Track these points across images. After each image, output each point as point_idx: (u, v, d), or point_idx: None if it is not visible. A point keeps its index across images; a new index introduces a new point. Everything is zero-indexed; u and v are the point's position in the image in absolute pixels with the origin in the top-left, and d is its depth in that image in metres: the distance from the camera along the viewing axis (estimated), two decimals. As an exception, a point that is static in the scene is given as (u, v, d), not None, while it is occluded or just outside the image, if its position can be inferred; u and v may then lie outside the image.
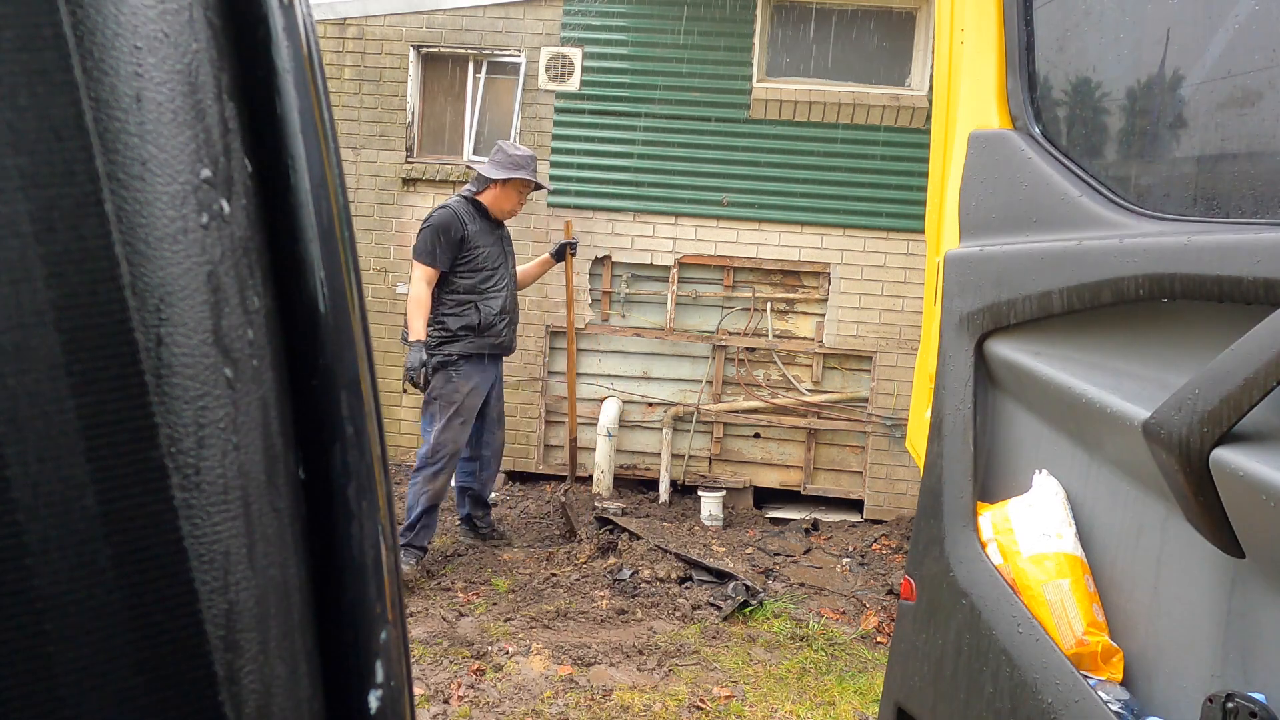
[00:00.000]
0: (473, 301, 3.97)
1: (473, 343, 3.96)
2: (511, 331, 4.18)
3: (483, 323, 3.98)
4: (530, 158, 4.07)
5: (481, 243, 3.98)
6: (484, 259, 3.99)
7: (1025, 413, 1.38)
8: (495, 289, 4.04)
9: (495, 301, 4.03)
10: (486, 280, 4.01)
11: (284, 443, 0.34)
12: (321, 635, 0.37)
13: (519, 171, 4.00)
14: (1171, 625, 1.11)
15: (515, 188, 4.05)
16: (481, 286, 3.99)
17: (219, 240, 0.31)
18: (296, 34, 0.36)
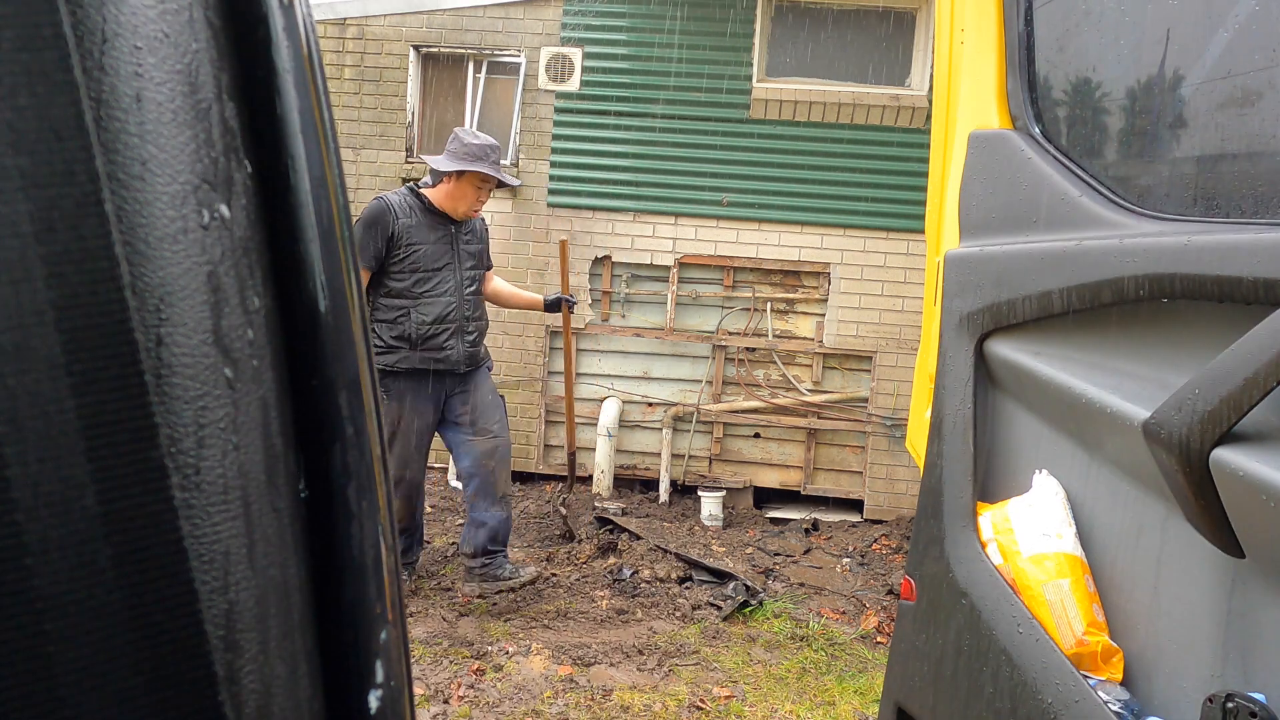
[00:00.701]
0: (405, 308, 3.44)
1: (408, 356, 3.44)
2: (463, 344, 3.55)
3: (415, 333, 3.44)
4: (490, 147, 3.47)
5: (418, 239, 3.44)
6: (420, 258, 3.44)
7: (1025, 413, 1.38)
8: (433, 294, 3.46)
9: (430, 308, 3.44)
10: (423, 283, 3.46)
11: (284, 443, 0.34)
12: (321, 635, 0.37)
13: (474, 164, 3.42)
14: (1171, 625, 1.11)
15: (471, 183, 3.49)
16: (416, 290, 3.44)
17: (219, 240, 0.31)
18: (296, 34, 0.36)
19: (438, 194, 3.50)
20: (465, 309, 3.54)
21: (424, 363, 3.44)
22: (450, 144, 3.49)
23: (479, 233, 3.69)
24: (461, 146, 3.44)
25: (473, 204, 3.51)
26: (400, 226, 3.42)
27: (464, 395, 3.62)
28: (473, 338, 3.58)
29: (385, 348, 3.41)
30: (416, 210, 3.47)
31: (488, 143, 3.47)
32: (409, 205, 3.47)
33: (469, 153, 3.44)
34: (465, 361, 3.54)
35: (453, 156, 3.45)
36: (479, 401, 3.68)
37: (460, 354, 3.53)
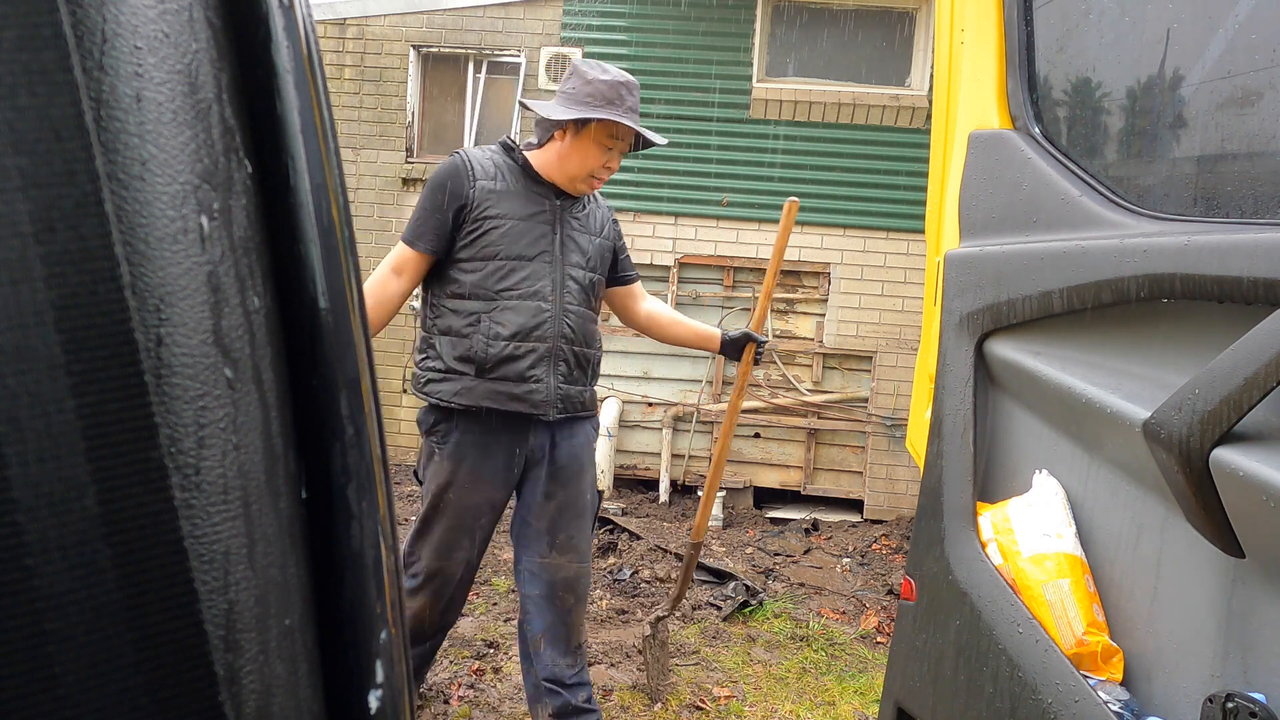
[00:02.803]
0: (476, 315, 2.26)
1: (470, 387, 2.24)
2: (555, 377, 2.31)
3: (483, 352, 2.24)
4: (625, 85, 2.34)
5: (503, 211, 2.28)
6: (501, 240, 2.27)
7: (1025, 413, 1.38)
8: (516, 293, 2.27)
9: (510, 315, 2.25)
10: (503, 277, 2.26)
11: (284, 443, 0.34)
12: (321, 635, 0.37)
13: (603, 109, 2.27)
14: (1171, 625, 1.11)
15: (597, 138, 2.32)
16: (493, 287, 2.26)
17: (219, 240, 0.31)
18: (296, 34, 0.36)
19: (545, 156, 2.37)
20: (564, 325, 2.32)
21: (493, 398, 2.26)
22: (566, 81, 2.35)
23: (601, 222, 2.50)
24: (584, 85, 2.30)
25: (595, 170, 2.35)
26: (479, 191, 2.28)
27: (551, 475, 2.40)
28: (571, 371, 2.35)
29: (442, 373, 2.27)
30: (506, 173, 2.34)
31: (621, 79, 2.34)
32: (498, 165, 2.35)
33: (596, 94, 2.29)
34: (556, 405, 2.32)
35: (570, 100, 2.31)
36: (571, 497, 2.44)
37: (550, 392, 2.30)
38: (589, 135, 2.31)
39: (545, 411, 2.31)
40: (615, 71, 2.33)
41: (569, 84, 2.32)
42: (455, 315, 2.27)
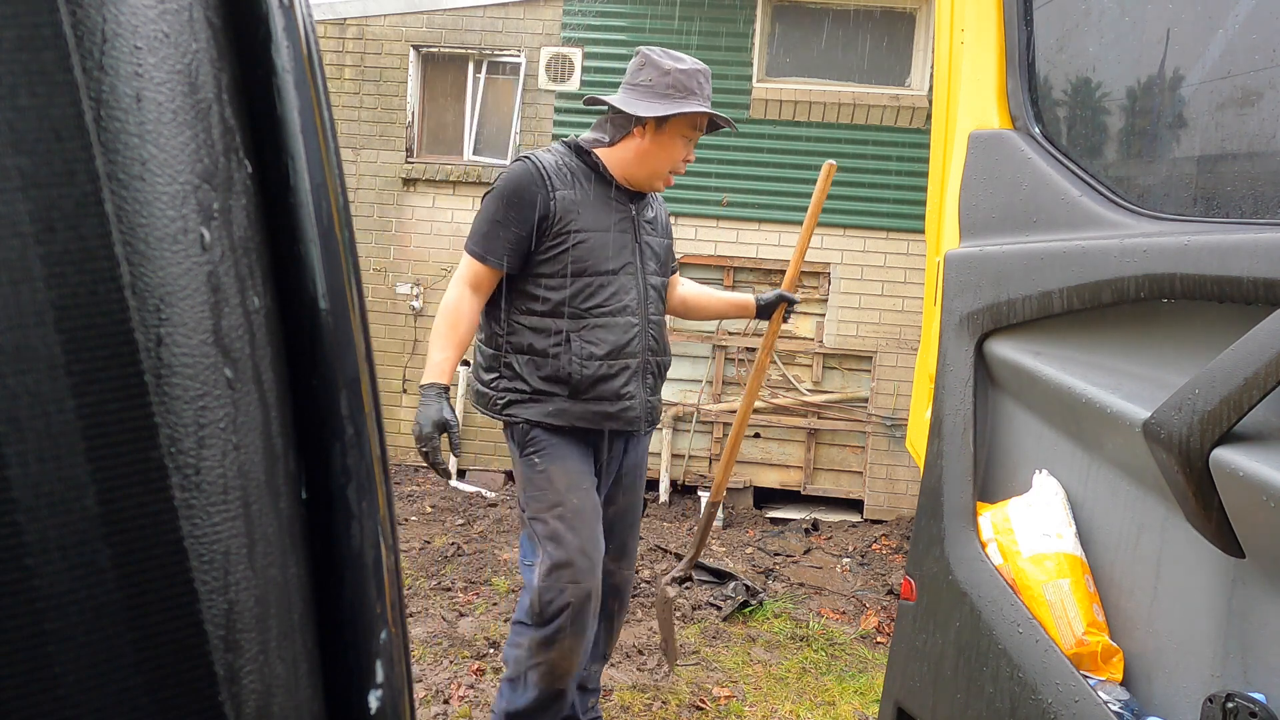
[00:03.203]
0: (563, 333, 2.15)
1: (565, 408, 2.17)
2: (645, 391, 2.27)
3: (579, 373, 2.15)
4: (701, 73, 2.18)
5: (588, 224, 2.16)
6: (590, 254, 2.16)
7: (1025, 413, 1.38)
8: (607, 311, 2.18)
9: (604, 334, 2.17)
10: (593, 294, 2.17)
11: (284, 443, 0.34)
12: (321, 635, 0.37)
13: (687, 101, 2.14)
14: (1171, 625, 1.11)
15: (680, 131, 2.20)
16: (582, 305, 2.16)
17: (219, 240, 0.31)
18: (296, 34, 0.36)
19: (621, 155, 2.22)
20: (650, 337, 2.26)
21: (589, 419, 2.19)
22: (639, 73, 2.18)
23: (665, 221, 2.42)
24: (661, 76, 2.14)
25: (676, 166, 2.25)
26: (560, 202, 2.13)
27: (616, 481, 2.37)
28: (655, 382, 2.32)
29: (528, 394, 2.17)
30: (582, 178, 2.19)
31: (699, 67, 2.18)
32: (570, 170, 2.19)
33: (676, 84, 2.14)
34: (645, 418, 2.29)
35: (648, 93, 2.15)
36: (630, 504, 2.42)
37: (640, 407, 2.26)
38: (672, 129, 2.19)
39: (637, 427, 2.27)
40: (688, 59, 2.19)
41: (643, 75, 2.17)
42: (536, 334, 2.16)
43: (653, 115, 2.12)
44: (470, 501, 5.21)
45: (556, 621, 2.14)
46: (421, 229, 5.72)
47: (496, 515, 4.91)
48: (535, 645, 2.18)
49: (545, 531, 2.16)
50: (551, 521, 2.15)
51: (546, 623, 2.15)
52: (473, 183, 5.63)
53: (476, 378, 2.31)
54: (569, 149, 2.25)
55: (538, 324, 2.16)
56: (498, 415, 2.24)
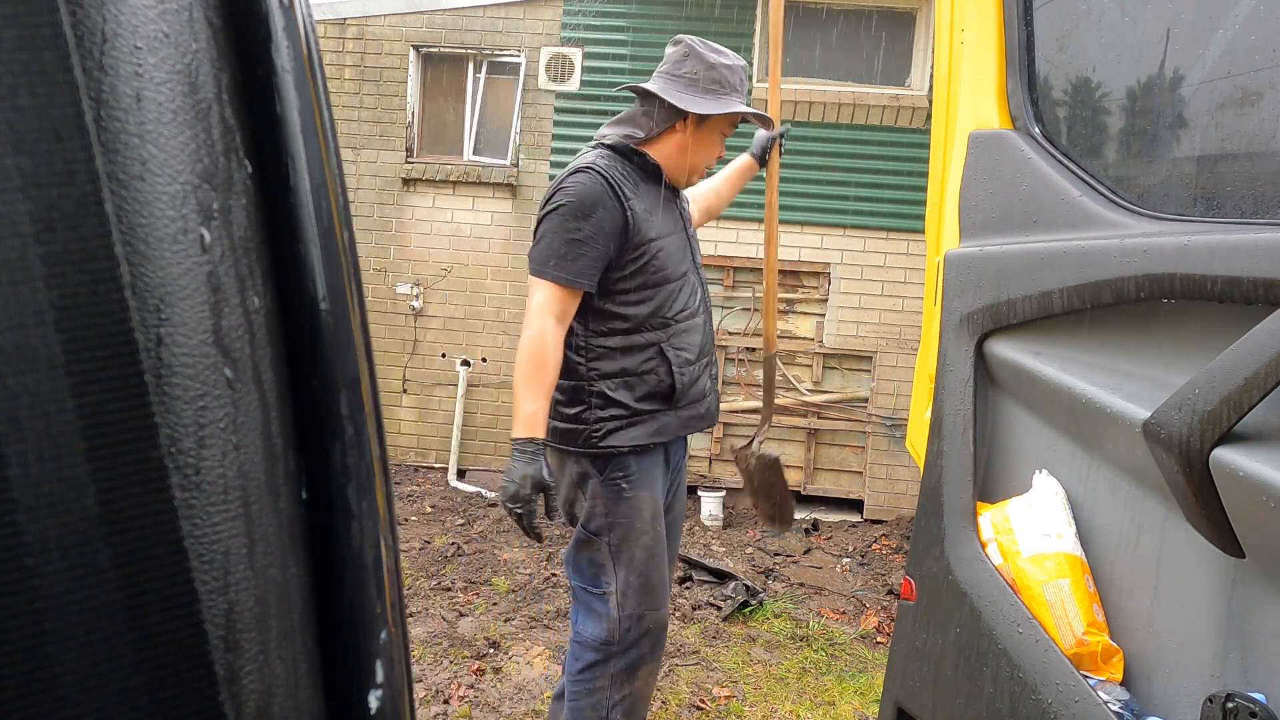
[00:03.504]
0: (655, 346, 2.08)
1: (668, 423, 2.11)
2: (712, 383, 2.25)
3: (679, 381, 2.10)
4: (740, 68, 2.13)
5: (658, 230, 2.08)
6: (666, 262, 2.09)
7: (1025, 413, 1.38)
8: (687, 315, 2.14)
9: (689, 338, 2.14)
10: (673, 302, 2.11)
11: (284, 443, 0.34)
12: (321, 635, 0.37)
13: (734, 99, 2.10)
14: (1171, 625, 1.11)
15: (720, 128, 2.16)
16: (666, 315, 2.09)
17: (219, 240, 0.31)
18: (296, 34, 0.36)
19: (664, 150, 2.13)
20: (710, 330, 2.25)
21: (686, 425, 2.16)
22: (682, 64, 2.10)
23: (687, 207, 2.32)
24: (707, 70, 2.08)
25: (710, 162, 2.20)
26: (635, 214, 2.03)
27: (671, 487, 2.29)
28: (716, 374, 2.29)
29: (627, 418, 2.06)
30: (639, 181, 2.09)
31: (740, 62, 2.14)
32: (626, 174, 2.07)
33: (722, 80, 2.09)
34: (715, 412, 2.27)
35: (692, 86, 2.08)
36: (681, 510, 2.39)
37: (714, 400, 2.25)
38: (713, 125, 2.12)
39: (713, 421, 2.23)
40: (729, 53, 2.12)
41: (686, 67, 2.08)
42: (627, 354, 2.06)
43: (708, 112, 2.05)
44: (470, 501, 5.21)
45: (637, 649, 2.11)
46: (421, 229, 5.72)
47: (496, 515, 4.91)
48: (617, 679, 2.11)
49: (627, 558, 2.10)
50: (635, 549, 2.10)
51: (627, 650, 2.10)
52: (473, 183, 5.63)
53: (552, 417, 2.11)
54: (613, 152, 2.11)
55: (625, 343, 2.05)
56: (596, 447, 2.07)
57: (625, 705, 2.13)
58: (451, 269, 5.70)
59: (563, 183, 2.05)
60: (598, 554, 2.13)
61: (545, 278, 1.98)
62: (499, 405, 5.72)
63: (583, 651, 2.15)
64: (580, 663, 2.15)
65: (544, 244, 2.01)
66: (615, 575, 2.11)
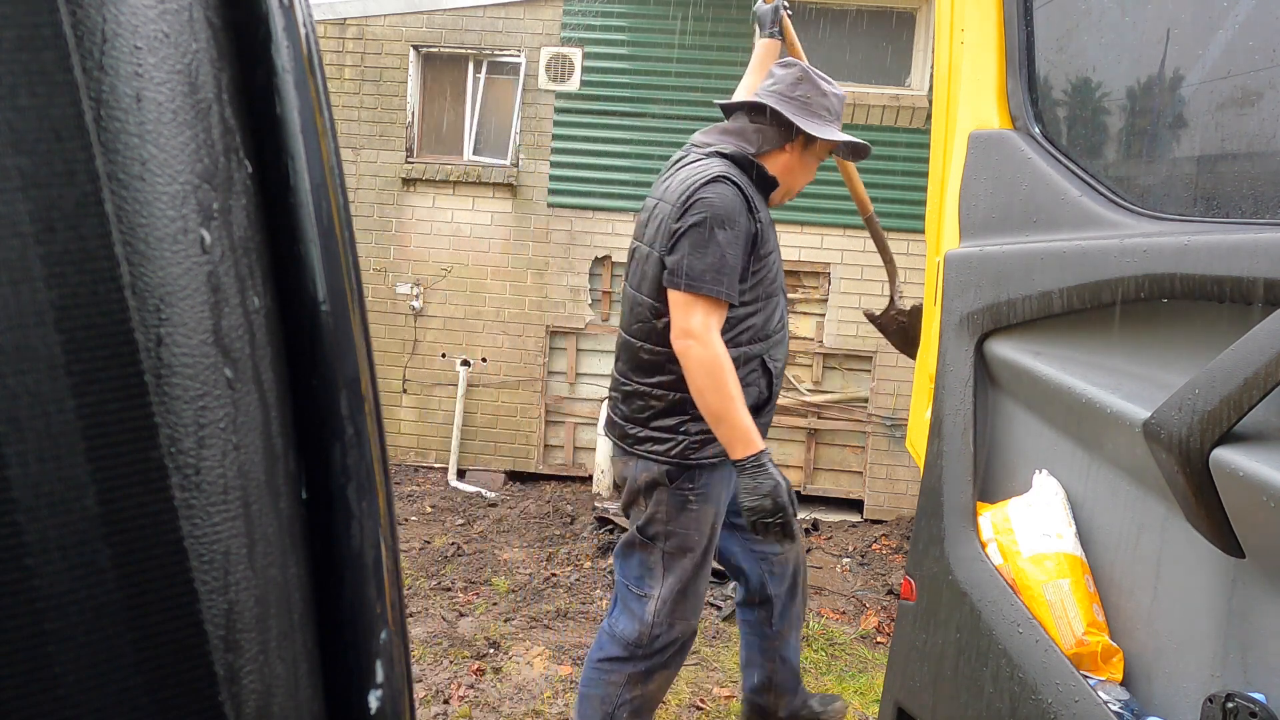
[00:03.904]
0: (759, 358, 2.14)
1: None
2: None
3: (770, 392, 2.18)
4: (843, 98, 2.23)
5: (773, 244, 2.14)
6: (775, 274, 2.15)
7: (1025, 413, 1.38)
8: (782, 325, 2.22)
9: (783, 349, 2.23)
10: (775, 312, 2.17)
11: (284, 443, 0.34)
12: (321, 635, 0.37)
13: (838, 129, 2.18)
14: (1171, 625, 1.11)
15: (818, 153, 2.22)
16: (771, 328, 2.16)
17: (219, 240, 0.31)
18: (296, 34, 0.36)
19: (780, 166, 2.17)
20: None
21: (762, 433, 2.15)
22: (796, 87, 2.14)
23: None
24: (820, 96, 2.14)
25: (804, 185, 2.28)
26: (762, 225, 2.08)
27: None
28: None
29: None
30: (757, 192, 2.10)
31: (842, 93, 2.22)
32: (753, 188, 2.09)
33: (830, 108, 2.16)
34: None
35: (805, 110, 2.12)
36: None
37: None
38: (816, 150, 2.18)
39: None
40: (836, 84, 2.21)
41: (800, 90, 2.12)
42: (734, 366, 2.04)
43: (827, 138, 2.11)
44: (470, 501, 5.21)
45: (661, 655, 2.16)
46: (421, 229, 5.72)
47: (496, 515, 4.91)
48: (634, 679, 2.17)
49: (677, 567, 2.14)
50: (687, 561, 2.15)
51: (652, 655, 2.15)
52: (473, 183, 5.63)
53: (643, 425, 2.13)
54: (734, 163, 2.09)
55: (734, 355, 2.04)
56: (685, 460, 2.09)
57: (634, 705, 2.18)
58: (451, 269, 5.70)
59: (698, 192, 2.02)
60: (649, 557, 2.16)
61: (705, 293, 1.97)
62: (499, 405, 5.72)
63: (610, 644, 2.19)
64: (603, 652, 2.20)
65: (695, 258, 1.98)
66: (661, 582, 2.15)
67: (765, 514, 1.98)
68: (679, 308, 1.99)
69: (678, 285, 1.99)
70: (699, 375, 1.97)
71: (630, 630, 2.16)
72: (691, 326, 1.97)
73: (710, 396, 1.97)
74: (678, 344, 2.00)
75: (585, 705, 2.22)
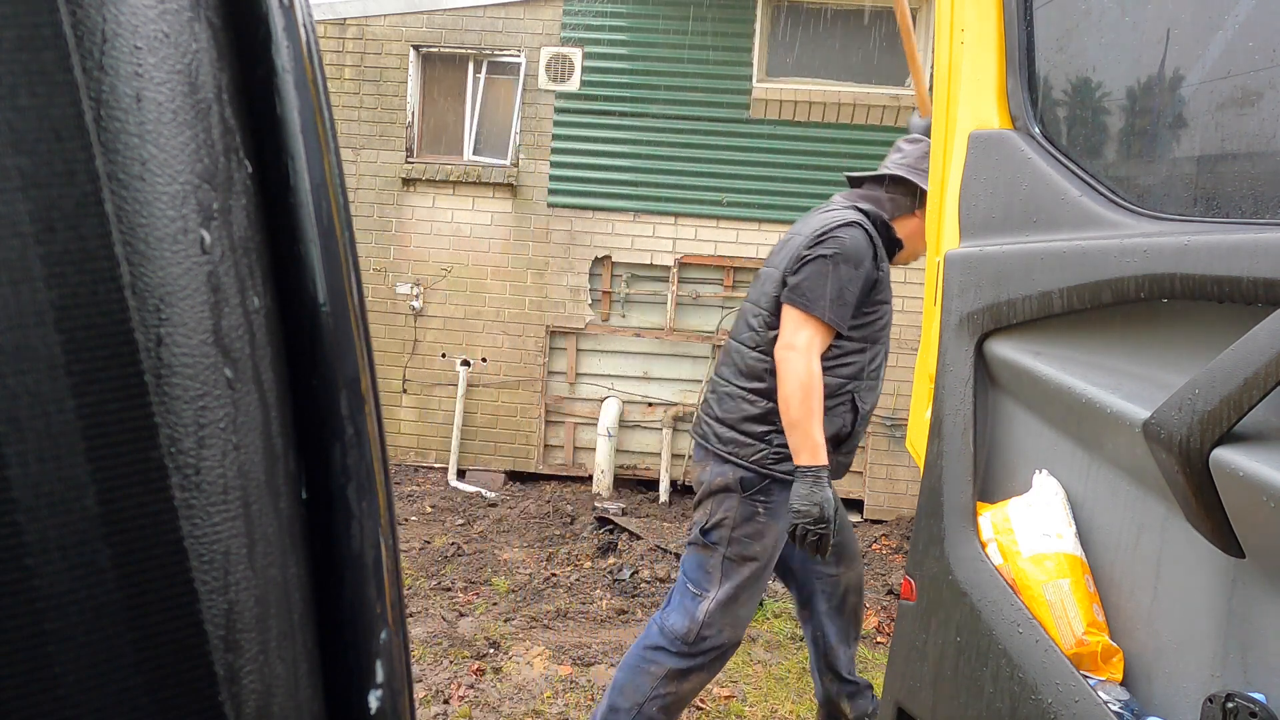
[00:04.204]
0: (850, 395, 2.32)
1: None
2: None
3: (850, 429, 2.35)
4: None
5: (888, 295, 2.35)
6: (885, 323, 2.36)
7: (1025, 413, 1.38)
8: (878, 373, 2.43)
9: (874, 395, 2.44)
10: (875, 358, 2.37)
11: (284, 443, 0.34)
12: (321, 635, 0.37)
13: None
14: (1171, 625, 1.11)
15: None
16: (869, 369, 2.36)
17: (219, 240, 0.31)
18: (296, 34, 0.36)
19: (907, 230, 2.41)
20: None
21: (837, 471, 2.35)
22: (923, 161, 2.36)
23: None
24: None
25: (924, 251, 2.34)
26: (883, 275, 2.30)
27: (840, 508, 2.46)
28: None
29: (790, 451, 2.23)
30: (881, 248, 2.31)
31: None
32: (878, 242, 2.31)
33: None
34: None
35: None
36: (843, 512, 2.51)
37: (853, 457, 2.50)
38: None
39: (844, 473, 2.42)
40: None
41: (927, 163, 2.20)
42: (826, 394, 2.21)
43: None
44: (470, 501, 5.21)
45: (703, 657, 2.28)
46: (421, 229, 5.72)
47: (496, 515, 4.91)
48: (671, 675, 2.28)
49: (736, 575, 2.27)
50: (746, 570, 2.28)
51: (694, 655, 2.27)
52: (473, 183, 5.63)
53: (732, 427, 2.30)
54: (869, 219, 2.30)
55: (829, 382, 2.22)
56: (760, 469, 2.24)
57: (665, 700, 2.30)
58: (451, 269, 5.70)
59: (833, 230, 2.24)
60: (709, 560, 2.30)
61: (817, 315, 2.17)
62: (499, 405, 5.72)
63: (658, 635, 2.32)
64: (650, 641, 2.33)
65: (817, 282, 2.19)
66: (718, 585, 2.28)
67: (808, 521, 2.12)
68: (790, 322, 2.20)
69: (795, 303, 2.20)
70: (790, 383, 2.16)
71: (680, 625, 2.28)
72: (797, 341, 2.17)
73: (794, 405, 2.15)
74: (780, 353, 2.19)
75: (618, 690, 2.32)
